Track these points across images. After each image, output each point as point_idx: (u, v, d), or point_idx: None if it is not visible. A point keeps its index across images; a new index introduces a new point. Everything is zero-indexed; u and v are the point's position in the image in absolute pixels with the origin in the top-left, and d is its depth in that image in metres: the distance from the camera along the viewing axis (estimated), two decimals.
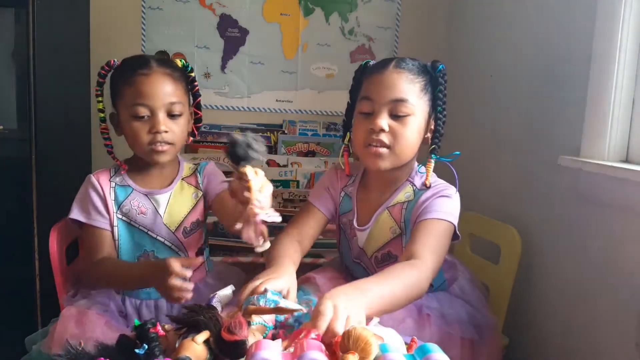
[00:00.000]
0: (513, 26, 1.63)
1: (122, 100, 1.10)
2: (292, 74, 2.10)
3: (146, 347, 0.66)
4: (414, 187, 1.14)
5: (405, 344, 0.76)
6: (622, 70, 1.15)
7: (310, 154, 2.01)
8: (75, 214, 1.13)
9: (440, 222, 1.05)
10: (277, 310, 0.81)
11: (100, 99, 1.14)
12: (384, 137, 1.06)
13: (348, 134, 1.21)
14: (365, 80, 1.12)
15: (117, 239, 1.14)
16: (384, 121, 1.06)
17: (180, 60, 1.16)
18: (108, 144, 1.16)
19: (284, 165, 1.95)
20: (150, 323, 0.70)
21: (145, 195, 1.16)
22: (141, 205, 1.15)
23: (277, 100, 2.10)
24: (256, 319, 0.78)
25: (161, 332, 0.70)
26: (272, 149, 1.99)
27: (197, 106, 1.21)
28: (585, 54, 1.23)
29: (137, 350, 0.65)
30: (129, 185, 1.16)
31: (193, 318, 0.70)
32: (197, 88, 1.19)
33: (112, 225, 1.14)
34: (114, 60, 1.13)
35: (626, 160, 1.18)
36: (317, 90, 2.12)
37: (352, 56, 2.12)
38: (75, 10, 1.86)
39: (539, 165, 1.45)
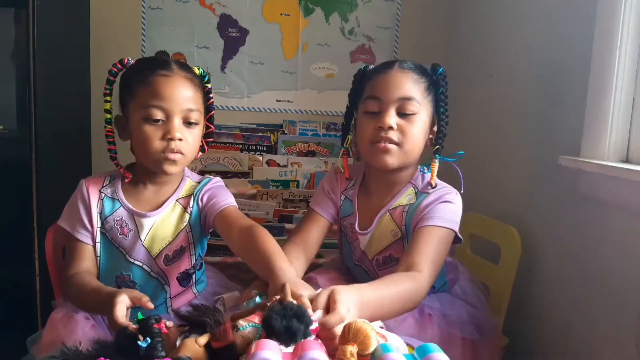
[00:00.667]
0: (513, 26, 1.63)
1: (135, 101, 1.01)
2: (292, 74, 2.10)
3: (149, 340, 0.66)
4: (416, 190, 1.14)
5: (408, 345, 0.76)
6: (622, 71, 1.15)
7: (310, 154, 2.00)
8: (62, 221, 1.08)
9: (440, 229, 1.04)
10: (259, 307, 0.78)
11: (108, 98, 1.06)
12: (393, 135, 1.07)
13: (348, 137, 1.21)
14: (369, 82, 1.12)
15: (99, 255, 1.07)
16: (392, 119, 1.06)
17: (198, 68, 1.09)
18: (112, 148, 1.08)
19: (284, 165, 1.95)
20: (154, 318, 0.69)
21: (132, 215, 1.06)
22: (124, 225, 1.06)
23: (277, 100, 2.10)
24: (244, 323, 0.74)
25: (164, 329, 0.70)
26: (272, 149, 2.00)
27: (210, 120, 1.12)
28: (585, 54, 1.23)
29: (140, 343, 0.65)
30: (118, 200, 1.07)
31: (198, 318, 0.69)
32: (211, 100, 1.11)
33: (94, 240, 1.06)
34: (127, 59, 1.05)
35: (626, 160, 1.18)
36: (317, 90, 2.12)
37: (352, 56, 2.12)
38: (75, 10, 1.86)
39: (539, 165, 1.45)
